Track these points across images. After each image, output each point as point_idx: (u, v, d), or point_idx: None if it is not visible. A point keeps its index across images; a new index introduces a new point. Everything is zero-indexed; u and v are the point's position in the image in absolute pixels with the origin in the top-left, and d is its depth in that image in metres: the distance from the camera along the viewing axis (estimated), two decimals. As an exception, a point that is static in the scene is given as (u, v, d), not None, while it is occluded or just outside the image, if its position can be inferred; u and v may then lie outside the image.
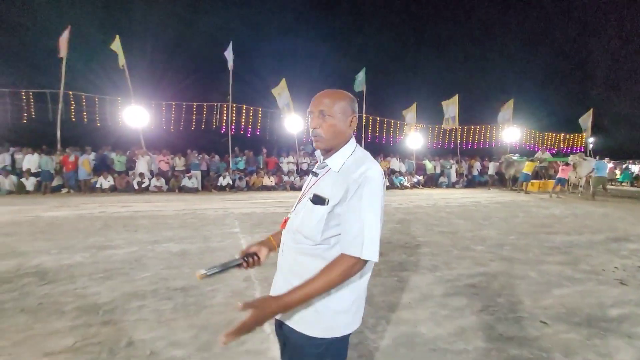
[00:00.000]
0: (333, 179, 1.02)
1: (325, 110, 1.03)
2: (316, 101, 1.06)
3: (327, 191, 1.00)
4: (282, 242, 1.13)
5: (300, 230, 1.03)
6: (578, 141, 20.16)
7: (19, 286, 3.12)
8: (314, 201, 1.02)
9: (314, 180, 1.10)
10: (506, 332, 2.43)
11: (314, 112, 1.05)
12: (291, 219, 1.10)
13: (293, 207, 1.14)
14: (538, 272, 3.72)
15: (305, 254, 1.03)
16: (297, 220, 1.06)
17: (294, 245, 1.06)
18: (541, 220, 7.15)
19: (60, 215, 6.71)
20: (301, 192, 1.14)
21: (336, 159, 1.06)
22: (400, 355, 2.13)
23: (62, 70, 10.69)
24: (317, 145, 1.07)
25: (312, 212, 1.01)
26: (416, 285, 3.29)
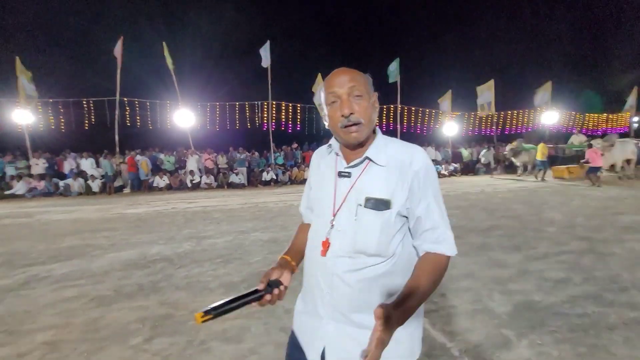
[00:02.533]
0: (383, 175, 0.86)
1: (358, 87, 0.84)
2: (340, 79, 0.84)
3: (384, 191, 0.84)
4: (323, 275, 0.87)
5: (362, 249, 0.83)
6: (621, 121, 19.26)
7: (157, 270, 3.62)
8: (374, 206, 0.83)
9: (348, 182, 0.89)
10: (616, 299, 2.65)
11: (342, 94, 0.84)
12: (336, 240, 0.86)
13: (325, 224, 0.90)
14: (623, 249, 3.86)
15: (373, 277, 0.83)
16: (350, 237, 0.84)
17: (353, 271, 0.83)
18: (601, 202, 7.11)
19: (140, 212, 7.37)
20: (330, 200, 0.90)
21: (377, 150, 0.88)
22: (527, 318, 2.40)
23: (118, 78, 11.46)
24: (357, 136, 0.85)
25: (376, 220, 0.83)
26: (509, 263, 3.53)
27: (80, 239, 5.07)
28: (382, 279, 0.84)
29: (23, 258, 4.17)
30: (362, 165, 0.89)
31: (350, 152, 0.91)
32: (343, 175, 0.90)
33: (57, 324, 2.50)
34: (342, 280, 0.84)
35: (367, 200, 0.84)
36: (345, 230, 0.86)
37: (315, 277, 0.90)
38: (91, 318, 2.59)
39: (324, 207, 0.92)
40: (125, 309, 2.73)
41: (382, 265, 0.84)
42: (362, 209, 0.84)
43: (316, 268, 0.91)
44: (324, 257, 0.87)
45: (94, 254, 4.27)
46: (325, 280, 0.87)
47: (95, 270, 3.64)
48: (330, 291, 0.86)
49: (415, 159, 0.86)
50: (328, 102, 0.87)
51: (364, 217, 0.84)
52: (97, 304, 2.84)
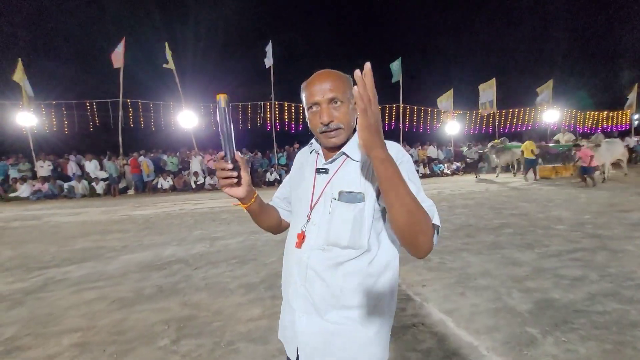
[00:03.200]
0: (358, 169, 0.87)
1: (337, 96, 0.84)
2: (320, 87, 0.85)
3: (357, 184, 0.85)
4: (298, 268, 0.89)
5: (335, 241, 0.84)
6: (622, 119, 19.35)
7: (174, 271, 3.64)
8: (347, 199, 0.84)
9: (325, 178, 0.91)
10: (635, 296, 2.68)
11: (321, 102, 0.85)
12: (311, 233, 0.88)
13: (300, 218, 0.93)
14: (635, 246, 3.89)
15: (349, 273, 0.84)
16: (325, 230, 0.86)
17: (329, 266, 0.85)
18: (607, 199, 7.15)
19: (148, 214, 7.38)
20: (308, 195, 0.93)
21: (353, 146, 0.89)
22: (549, 316, 2.43)
23: (120, 80, 11.45)
24: (335, 141, 0.87)
25: (348, 212, 0.83)
26: (523, 261, 3.56)
27: (92, 241, 5.08)
28: (356, 275, 0.84)
29: (37, 261, 4.18)
30: (339, 160, 0.91)
31: (329, 151, 0.93)
32: (321, 172, 0.93)
33: (82, 326, 2.52)
34: (315, 273, 0.86)
35: (341, 193, 0.86)
36: (320, 223, 0.87)
37: (290, 269, 0.93)
38: (115, 320, 2.61)
39: (303, 202, 0.94)
40: (147, 311, 2.74)
41: (356, 260, 0.83)
42: (335, 202, 0.86)
43: (292, 260, 0.92)
44: (299, 250, 0.89)
45: (108, 256, 4.28)
46: (299, 272, 0.89)
47: (111, 272, 3.66)
48: (304, 283, 0.87)
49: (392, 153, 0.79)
50: (307, 107, 0.90)
51: (337, 209, 0.85)
52: (118, 305, 2.85)
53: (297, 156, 1.11)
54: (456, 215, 6.07)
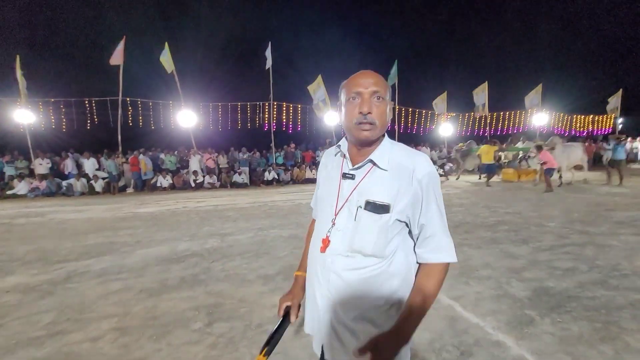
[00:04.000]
0: (385, 179, 0.88)
1: (380, 92, 0.88)
2: (365, 80, 0.88)
3: (384, 195, 0.86)
4: (322, 271, 0.93)
5: (359, 249, 0.88)
6: (607, 122, 20.07)
7: (192, 264, 3.81)
8: (373, 209, 0.86)
9: (351, 184, 0.92)
10: (620, 284, 2.97)
11: (364, 93, 0.87)
12: (335, 238, 0.91)
13: (325, 222, 0.95)
14: (619, 242, 4.22)
15: (369, 277, 0.88)
16: (348, 237, 0.89)
17: (350, 270, 0.89)
18: (593, 199, 7.55)
19: (153, 211, 7.49)
20: (333, 199, 0.95)
21: (380, 154, 0.91)
22: (545, 301, 2.70)
23: (120, 78, 11.47)
24: (368, 134, 0.87)
25: (374, 222, 0.86)
26: (520, 254, 3.84)
27: (104, 237, 5.20)
28: (377, 280, 0.87)
29: (55, 255, 4.30)
30: (366, 167, 0.91)
31: (357, 154, 0.94)
32: (347, 177, 0.93)
33: (117, 313, 2.69)
34: (339, 277, 0.89)
35: (367, 203, 0.87)
36: (344, 229, 0.90)
37: (315, 270, 0.97)
38: (146, 307, 2.78)
39: (328, 206, 0.96)
40: (175, 299, 2.92)
41: (377, 267, 0.87)
42: (361, 210, 0.88)
43: (316, 263, 0.96)
44: (323, 254, 0.92)
45: (124, 250, 4.43)
46: (323, 275, 0.92)
47: (131, 266, 3.81)
48: (328, 286, 0.91)
49: (418, 166, 0.88)
50: (347, 98, 0.90)
51: (362, 218, 0.88)
52: (146, 295, 3.03)
53: (323, 156, 1.12)
54: (454, 213, 6.36)
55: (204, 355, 2.11)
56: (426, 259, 0.91)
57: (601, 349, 2.03)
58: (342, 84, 0.95)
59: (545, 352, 2.01)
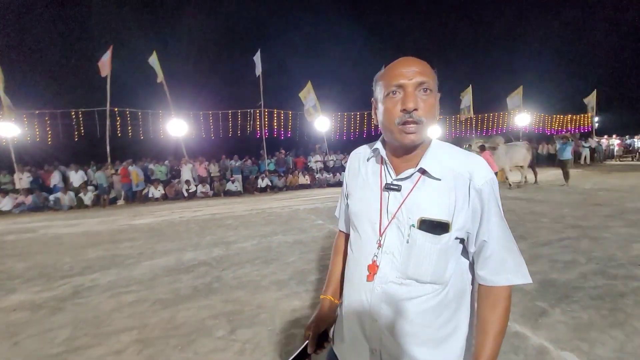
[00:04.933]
0: (439, 191, 0.76)
1: (428, 82, 0.73)
2: (408, 69, 0.73)
3: (441, 211, 0.74)
4: (370, 302, 0.80)
5: (415, 276, 0.76)
6: (585, 121, 21.00)
7: (202, 273, 3.80)
8: (430, 229, 0.74)
9: (397, 197, 0.79)
10: (619, 273, 3.15)
11: (407, 85, 0.72)
12: (385, 264, 0.78)
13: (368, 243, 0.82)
14: (611, 234, 4.44)
15: (428, 308, 0.76)
16: (402, 262, 0.77)
17: (405, 300, 0.76)
18: (579, 195, 7.89)
19: (150, 222, 7.37)
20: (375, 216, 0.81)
21: (431, 160, 0.77)
22: (553, 293, 2.83)
23: (108, 88, 11.28)
24: (414, 138, 0.73)
25: (432, 245, 0.75)
26: (520, 250, 3.96)
27: (104, 250, 5.10)
28: (436, 309, 0.76)
29: (56, 270, 4.19)
30: (415, 177, 0.78)
31: (400, 160, 0.80)
32: (392, 188, 0.79)
33: (135, 325, 2.67)
34: (391, 308, 0.77)
35: (422, 221, 0.75)
36: (396, 253, 0.77)
37: (359, 301, 0.82)
38: (164, 318, 2.77)
39: (367, 223, 0.82)
40: (192, 309, 2.92)
41: (435, 294, 0.76)
42: (415, 230, 0.75)
43: (361, 294, 0.81)
44: (371, 282, 0.79)
45: (128, 262, 4.36)
46: (372, 307, 0.79)
47: (139, 277, 3.77)
48: (378, 320, 0.78)
49: (476, 173, 0.75)
50: (386, 93, 0.75)
51: (417, 240, 0.75)
52: (162, 306, 3.01)
53: (351, 159, 0.95)
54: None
55: (233, 361, 2.13)
56: (491, 281, 0.77)
57: (612, 333, 2.16)
58: (377, 75, 0.80)
59: (562, 340, 2.13)
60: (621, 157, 19.59)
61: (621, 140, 20.30)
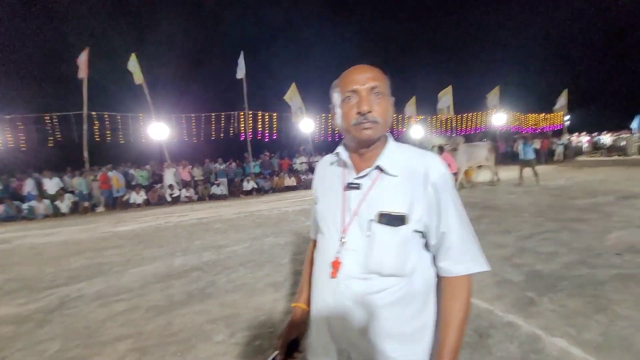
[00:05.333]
0: (397, 186, 0.79)
1: (380, 86, 0.78)
2: (361, 76, 0.79)
3: (399, 204, 0.77)
4: (335, 299, 0.81)
5: (377, 269, 0.78)
6: (557, 120, 22.00)
7: (195, 278, 3.74)
8: (388, 222, 0.77)
9: (358, 195, 0.82)
10: (598, 262, 3.34)
11: (361, 90, 0.78)
12: (348, 260, 0.80)
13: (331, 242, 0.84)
14: (588, 225, 4.69)
15: (392, 301, 0.78)
16: (363, 256, 0.79)
17: (369, 295, 0.78)
18: (554, 191, 8.26)
19: (134, 229, 7.16)
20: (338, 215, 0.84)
21: (388, 158, 0.82)
22: (539, 283, 2.96)
23: (84, 91, 10.87)
24: (370, 133, 0.78)
25: (391, 237, 0.77)
26: (507, 243, 4.16)
27: (87, 258, 4.92)
28: (400, 303, 0.78)
29: (39, 281, 4.01)
30: (373, 175, 0.82)
31: (360, 160, 0.84)
32: (352, 187, 0.83)
33: (130, 334, 2.60)
34: (355, 303, 0.78)
35: (381, 215, 0.78)
36: (357, 248, 0.79)
37: (324, 300, 0.84)
38: (160, 325, 2.71)
39: (332, 223, 0.85)
40: (188, 314, 2.87)
41: (399, 288, 0.78)
42: (375, 224, 0.78)
43: (325, 291, 0.84)
44: (335, 279, 0.80)
45: (115, 270, 4.23)
46: (336, 305, 0.81)
47: (129, 285, 3.66)
48: (344, 318, 0.79)
49: (431, 169, 0.79)
50: (342, 98, 0.80)
51: (377, 233, 0.78)
52: (156, 313, 2.94)
53: (318, 167, 1.00)
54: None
55: (236, 364, 2.12)
56: (452, 272, 0.80)
57: (597, 318, 2.30)
58: (334, 83, 0.85)
59: (552, 327, 2.24)
60: (590, 153, 20.62)
61: (590, 137, 21.38)
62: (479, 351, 2.05)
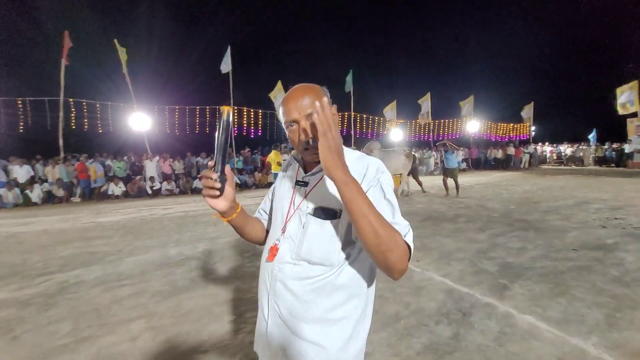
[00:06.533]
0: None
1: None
2: (297, 105, 0.83)
3: (335, 201, 0.84)
4: (270, 280, 0.91)
5: (306, 256, 0.86)
6: (524, 130, 23.54)
7: (195, 266, 3.87)
8: (320, 215, 0.86)
9: (302, 191, 0.92)
10: (558, 256, 3.83)
11: (300, 120, 0.84)
12: (284, 246, 0.90)
13: (276, 230, 0.95)
14: (549, 226, 5.27)
15: (315, 288, 0.85)
16: (297, 244, 0.88)
17: (296, 280, 0.86)
18: (520, 194, 9.00)
19: (119, 220, 7.05)
20: (285, 208, 0.95)
21: None
22: (510, 272, 3.38)
23: (62, 77, 10.43)
24: (316, 158, 0.80)
25: (323, 229, 0.85)
26: (481, 240, 4.61)
27: (76, 248, 4.87)
28: (323, 291, 0.84)
29: (28, 269, 3.98)
30: (319, 174, 0.90)
31: (309, 161, 0.92)
32: (300, 184, 0.94)
33: (141, 315, 2.73)
34: (285, 286, 0.87)
35: (316, 209, 0.87)
36: (293, 237, 0.89)
37: (263, 281, 0.94)
38: (170, 307, 2.86)
39: (280, 215, 0.96)
40: (195, 298, 3.03)
41: (324, 277, 0.84)
42: (310, 217, 0.87)
43: (264, 273, 0.94)
44: (271, 262, 0.91)
45: (109, 259, 4.26)
46: (271, 285, 0.90)
47: (129, 273, 3.74)
48: (274, 296, 0.89)
49: (372, 169, 0.87)
50: (286, 125, 0.87)
51: (310, 224, 0.87)
52: (162, 297, 3.07)
53: (282, 166, 1.10)
54: (417, 209, 7.15)
55: (250, 339, 2.33)
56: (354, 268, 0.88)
57: (558, 300, 2.73)
58: (280, 102, 0.91)
59: (522, 307, 2.64)
60: (554, 162, 22.28)
61: (553, 147, 23.09)
62: (463, 326, 2.40)
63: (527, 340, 2.20)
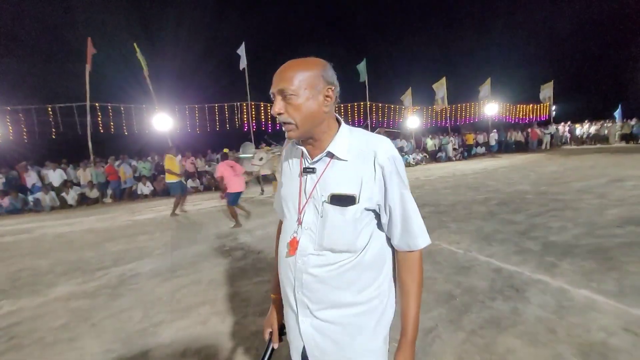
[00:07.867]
0: (347, 169, 0.86)
1: (287, 88, 0.80)
2: (275, 78, 0.82)
3: (349, 186, 0.84)
4: (294, 274, 0.89)
5: (330, 246, 0.85)
6: (544, 110, 22.83)
7: (240, 257, 4.03)
8: (339, 202, 0.84)
9: (313, 178, 0.89)
10: (602, 233, 3.79)
11: (274, 93, 0.83)
12: (304, 238, 0.88)
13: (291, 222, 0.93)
14: (587, 204, 5.19)
15: (344, 271, 0.85)
16: (318, 234, 0.86)
17: (323, 267, 0.86)
18: (549, 175, 8.81)
19: (155, 217, 7.35)
20: (296, 198, 0.92)
21: (337, 145, 0.87)
22: (555, 251, 3.38)
23: (87, 82, 10.77)
24: (290, 135, 0.85)
25: (341, 216, 0.84)
26: (518, 221, 4.59)
27: (123, 244, 5.13)
28: (353, 272, 0.86)
29: (86, 264, 4.23)
30: (326, 160, 0.88)
31: (313, 148, 0.90)
32: (308, 172, 0.90)
33: (205, 301, 2.90)
34: (311, 276, 0.86)
35: (332, 196, 0.84)
36: (312, 228, 0.87)
37: (286, 276, 0.92)
38: (228, 294, 3.02)
39: (292, 206, 0.93)
40: (250, 285, 3.18)
41: (351, 259, 0.85)
42: (327, 205, 0.84)
43: (287, 268, 0.91)
44: (293, 256, 0.88)
45: (158, 253, 4.48)
46: (296, 278, 0.88)
47: (180, 264, 3.93)
48: (301, 288, 0.87)
49: (380, 151, 0.85)
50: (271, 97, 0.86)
51: (329, 213, 0.84)
52: (218, 285, 3.24)
53: (283, 153, 1.05)
54: (444, 195, 7.14)
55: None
56: (402, 247, 0.89)
57: (611, 275, 2.74)
58: None
59: (575, 282, 2.66)
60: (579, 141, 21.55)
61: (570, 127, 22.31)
62: (520, 302, 2.45)
63: (587, 312, 2.25)
